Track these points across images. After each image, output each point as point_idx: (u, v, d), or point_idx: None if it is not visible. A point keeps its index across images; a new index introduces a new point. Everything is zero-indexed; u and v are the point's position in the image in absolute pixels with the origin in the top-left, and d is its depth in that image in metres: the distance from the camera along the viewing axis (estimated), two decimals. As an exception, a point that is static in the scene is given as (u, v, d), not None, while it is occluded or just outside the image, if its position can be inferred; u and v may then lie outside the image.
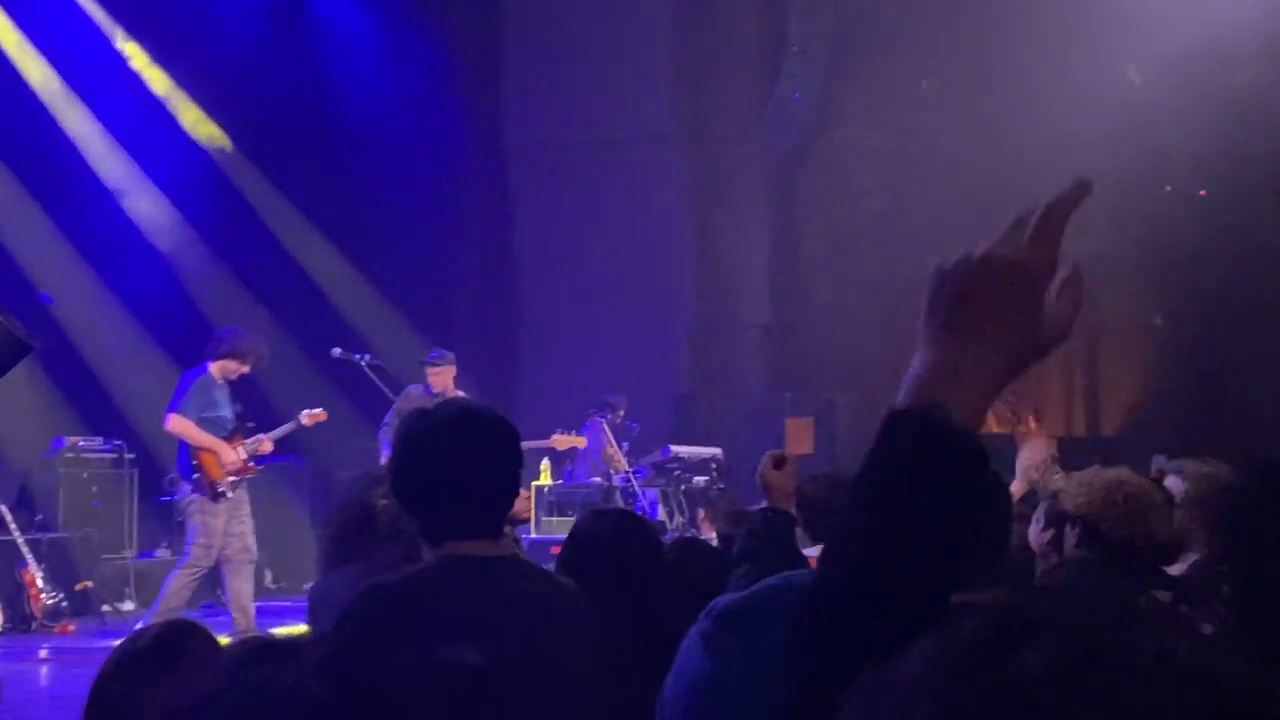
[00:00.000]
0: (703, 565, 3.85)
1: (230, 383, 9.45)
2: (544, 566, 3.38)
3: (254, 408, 10.79)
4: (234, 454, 9.31)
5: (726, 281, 15.35)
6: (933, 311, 1.39)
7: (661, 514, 12.01)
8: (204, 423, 9.25)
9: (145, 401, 11.68)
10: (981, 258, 1.39)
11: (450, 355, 10.73)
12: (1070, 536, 3.77)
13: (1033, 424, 4.30)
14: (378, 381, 10.31)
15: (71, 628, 10.48)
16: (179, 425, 9.22)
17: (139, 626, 9.09)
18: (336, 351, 10.70)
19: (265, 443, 9.52)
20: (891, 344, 15.47)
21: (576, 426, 12.95)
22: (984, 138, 14.49)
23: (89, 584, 11.18)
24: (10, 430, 12.20)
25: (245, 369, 9.49)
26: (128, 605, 11.17)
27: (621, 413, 12.91)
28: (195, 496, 9.22)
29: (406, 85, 14.71)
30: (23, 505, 11.81)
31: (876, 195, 15.45)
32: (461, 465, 2.81)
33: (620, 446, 12.48)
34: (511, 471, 2.91)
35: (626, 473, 12.24)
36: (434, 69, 14.93)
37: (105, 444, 12.35)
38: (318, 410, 10.01)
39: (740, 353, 15.32)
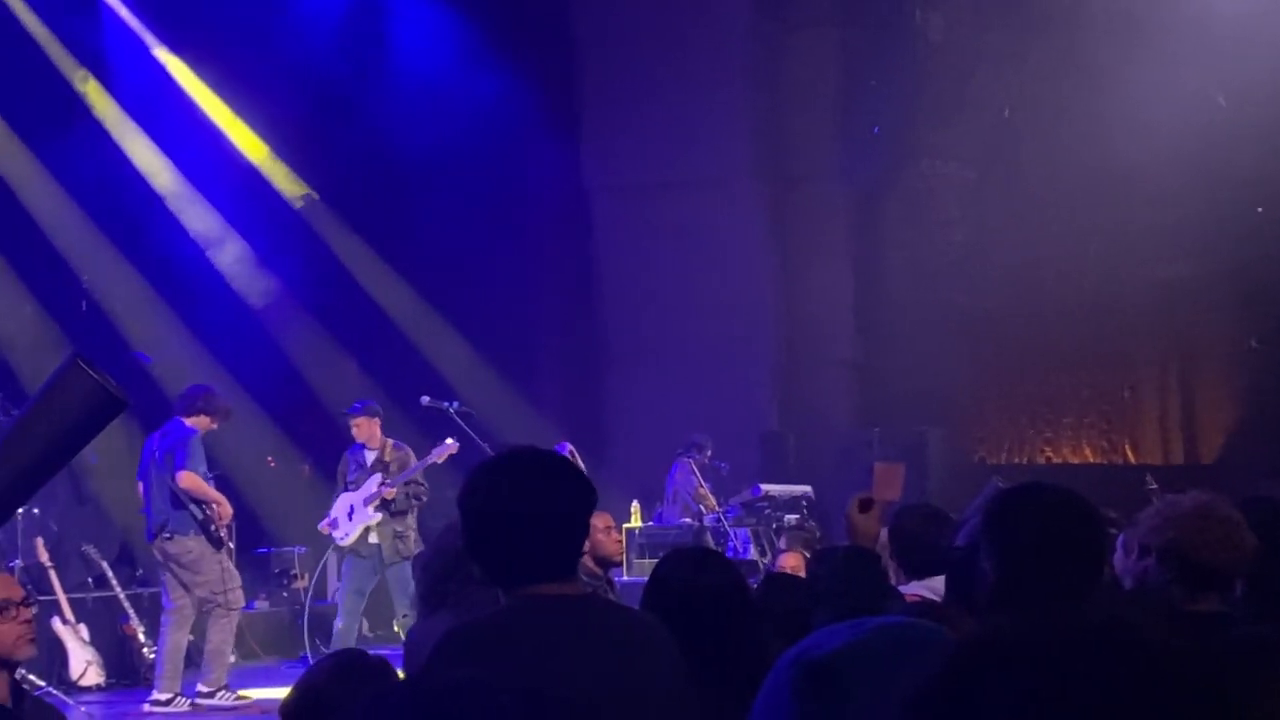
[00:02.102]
0: (791, 599, 3.84)
1: None
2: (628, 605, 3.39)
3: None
4: (229, 506, 9.75)
5: (811, 318, 15.30)
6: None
7: (754, 553, 11.96)
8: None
9: (240, 455, 11.85)
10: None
11: (373, 406, 10.70)
12: (1156, 563, 3.74)
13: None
14: (466, 428, 10.37)
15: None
16: (193, 482, 9.50)
17: (201, 687, 9.27)
18: (425, 400, 10.77)
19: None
20: (978, 376, 15.39)
21: (665, 467, 12.96)
22: (1068, 165, 14.36)
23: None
24: (109, 487, 12.41)
25: (215, 426, 9.88)
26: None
27: (709, 452, 12.89)
28: (208, 548, 9.48)
29: (485, 130, 14.83)
30: (124, 561, 12.00)
31: (959, 226, 15.35)
32: (534, 509, 2.81)
33: (707, 486, 12.46)
34: (580, 513, 2.89)
35: (717, 512, 12.20)
36: (512, 113, 15.05)
37: (202, 498, 12.51)
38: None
39: (827, 389, 15.25)
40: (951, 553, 3.80)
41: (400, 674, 3.24)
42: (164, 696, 9.55)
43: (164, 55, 14.36)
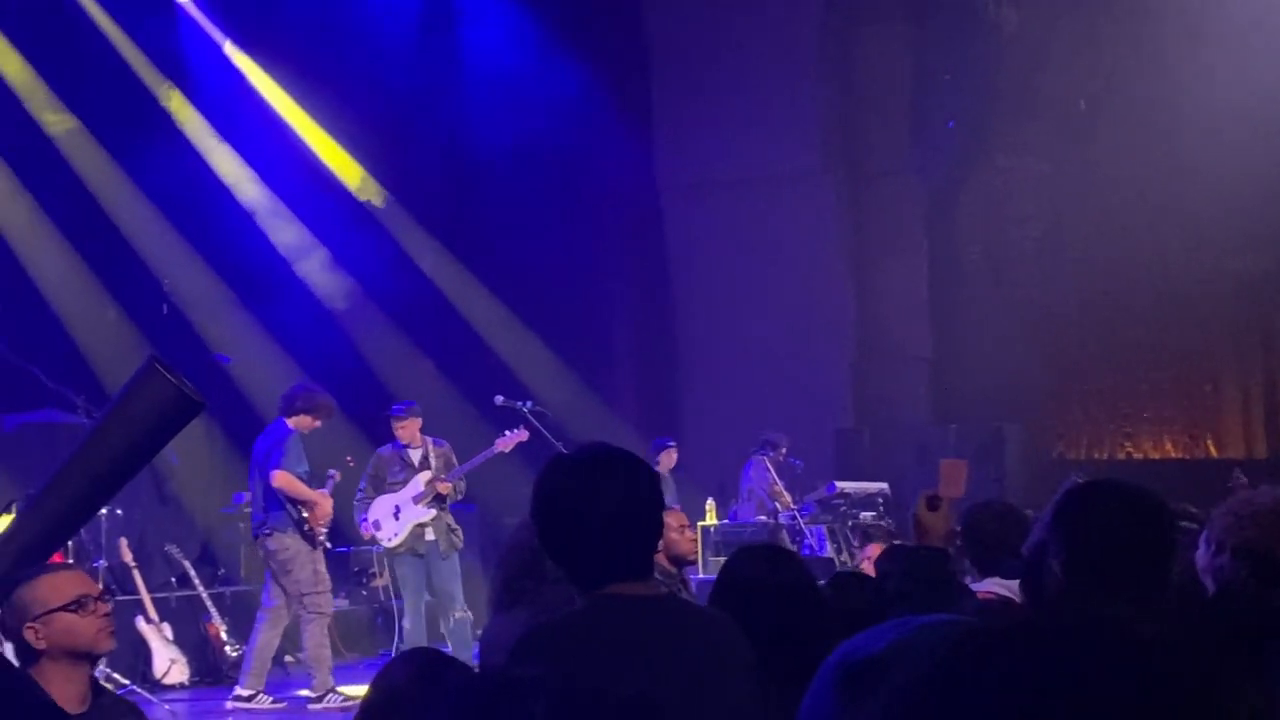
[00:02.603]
0: (861, 596, 3.82)
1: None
2: (700, 604, 3.39)
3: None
4: (329, 506, 9.79)
5: (886, 314, 15.22)
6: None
7: (830, 550, 11.92)
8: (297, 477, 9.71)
9: (319, 455, 11.95)
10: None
11: (416, 407, 10.67)
12: (1230, 559, 3.68)
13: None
14: (540, 427, 10.42)
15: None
16: (285, 481, 9.60)
17: (308, 693, 9.34)
18: (499, 399, 10.84)
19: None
20: (1056, 371, 15.24)
21: (739, 465, 12.94)
22: (1143, 157, 14.19)
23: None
24: (191, 487, 12.59)
25: (318, 424, 9.95)
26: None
27: (784, 450, 12.85)
28: (304, 547, 9.56)
29: (558, 129, 14.88)
30: (205, 560, 12.17)
31: (1035, 221, 15.21)
32: (607, 508, 2.79)
33: (781, 484, 12.43)
34: (655, 511, 2.88)
35: (792, 510, 12.17)
36: (585, 111, 15.08)
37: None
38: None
39: (902, 385, 15.16)
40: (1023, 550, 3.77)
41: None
42: (246, 692, 9.67)
43: (238, 57, 14.53)
